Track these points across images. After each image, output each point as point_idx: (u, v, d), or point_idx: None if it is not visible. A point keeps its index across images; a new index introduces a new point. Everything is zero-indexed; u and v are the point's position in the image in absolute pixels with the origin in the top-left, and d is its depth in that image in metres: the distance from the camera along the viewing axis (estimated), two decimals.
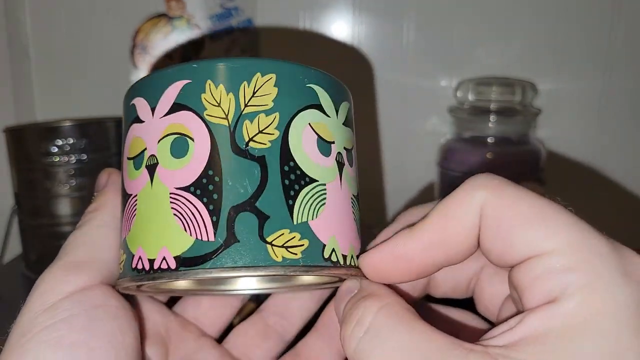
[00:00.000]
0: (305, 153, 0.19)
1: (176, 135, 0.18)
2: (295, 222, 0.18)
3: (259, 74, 0.18)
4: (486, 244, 0.17)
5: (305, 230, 0.18)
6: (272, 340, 0.26)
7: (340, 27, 0.65)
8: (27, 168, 0.59)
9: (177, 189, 0.18)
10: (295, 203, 0.18)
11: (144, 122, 0.19)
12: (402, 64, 0.65)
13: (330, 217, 0.19)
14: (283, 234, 0.18)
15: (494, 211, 0.17)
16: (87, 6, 0.67)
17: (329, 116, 0.20)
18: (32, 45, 0.68)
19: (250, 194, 0.18)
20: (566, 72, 0.64)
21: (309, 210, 0.19)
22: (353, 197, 0.21)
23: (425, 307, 0.24)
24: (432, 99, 0.65)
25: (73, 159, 0.59)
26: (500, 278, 0.21)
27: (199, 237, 0.18)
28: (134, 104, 0.19)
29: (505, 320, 0.16)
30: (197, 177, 0.18)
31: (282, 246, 0.18)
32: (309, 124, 0.19)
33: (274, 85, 0.18)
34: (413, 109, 0.66)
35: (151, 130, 0.19)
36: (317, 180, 0.19)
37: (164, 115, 0.19)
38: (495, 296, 0.21)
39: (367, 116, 0.66)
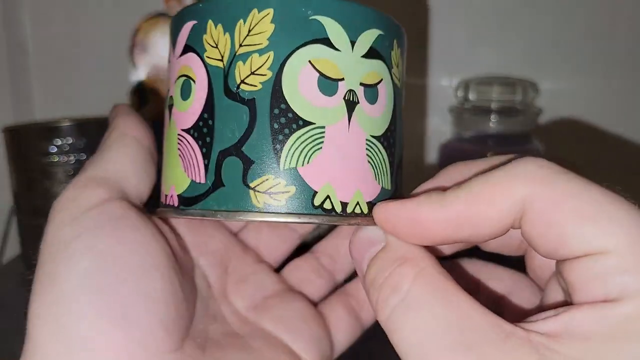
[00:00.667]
0: (301, 94, 0.18)
1: (184, 78, 0.19)
2: (281, 168, 0.18)
3: (255, 10, 0.17)
4: (533, 238, 0.16)
5: (292, 176, 0.18)
6: (324, 278, 0.27)
7: None
8: (26, 168, 0.59)
9: (182, 130, 0.19)
10: (284, 148, 0.18)
11: (170, 62, 0.20)
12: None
13: (326, 163, 0.18)
14: (267, 179, 0.18)
15: (544, 206, 0.16)
16: (86, 5, 0.66)
17: (338, 50, 0.18)
18: (31, 44, 0.68)
19: (237, 138, 0.18)
20: (568, 72, 0.64)
21: (298, 156, 0.18)
22: (371, 139, 0.19)
23: (473, 265, 0.23)
24: (433, 98, 0.65)
25: (72, 158, 0.58)
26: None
27: (194, 179, 0.18)
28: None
29: (554, 306, 0.16)
30: (195, 120, 0.18)
31: (265, 192, 0.18)
32: (309, 61, 0.18)
33: (271, 22, 0.17)
34: (413, 109, 0.66)
35: (171, 71, 0.20)
36: (314, 123, 0.18)
37: (179, 57, 0.19)
38: (545, 266, 0.20)
39: None
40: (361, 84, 0.18)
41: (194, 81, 0.18)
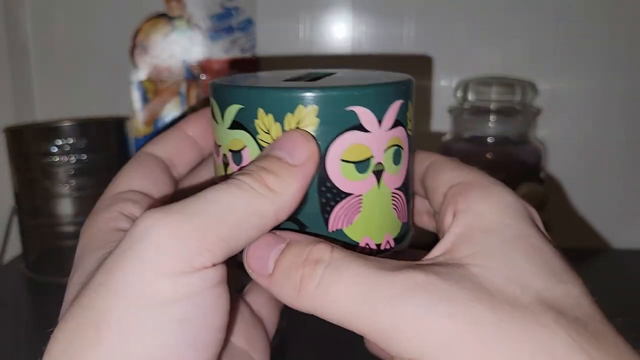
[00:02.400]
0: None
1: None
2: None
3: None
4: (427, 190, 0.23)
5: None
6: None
7: (340, 27, 0.65)
8: (27, 168, 0.59)
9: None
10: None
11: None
12: (401, 64, 0.65)
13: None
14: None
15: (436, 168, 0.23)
16: (87, 6, 0.67)
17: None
18: (32, 44, 0.68)
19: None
20: (566, 72, 0.64)
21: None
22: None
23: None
24: (432, 99, 0.65)
25: (73, 158, 0.59)
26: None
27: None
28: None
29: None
30: None
31: None
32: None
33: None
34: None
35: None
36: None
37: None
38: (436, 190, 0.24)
39: None
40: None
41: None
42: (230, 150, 0.22)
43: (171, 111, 0.67)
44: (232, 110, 0.21)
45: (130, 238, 0.17)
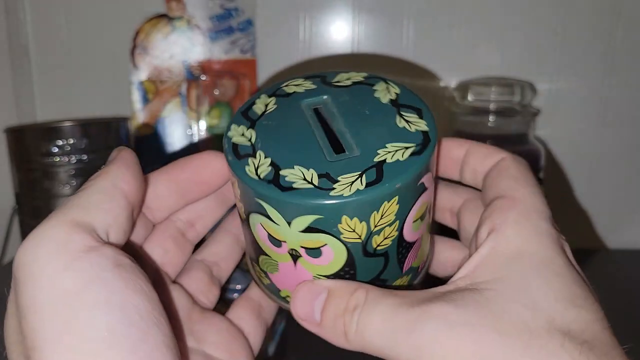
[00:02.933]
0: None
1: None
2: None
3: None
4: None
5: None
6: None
7: (340, 28, 0.66)
8: (28, 168, 0.60)
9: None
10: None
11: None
12: (401, 64, 0.65)
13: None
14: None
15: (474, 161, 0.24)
16: (88, 6, 0.67)
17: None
18: (32, 45, 0.68)
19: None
20: (565, 73, 0.64)
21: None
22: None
23: None
24: (432, 99, 0.65)
25: (73, 159, 0.59)
26: (477, 212, 0.25)
27: None
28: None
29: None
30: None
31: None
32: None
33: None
34: None
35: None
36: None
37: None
38: (472, 224, 0.25)
39: None
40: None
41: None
42: (304, 247, 0.22)
43: (171, 111, 0.67)
44: (306, 220, 0.21)
45: (14, 273, 0.19)
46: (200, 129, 0.67)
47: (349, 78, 0.25)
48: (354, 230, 0.21)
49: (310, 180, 0.20)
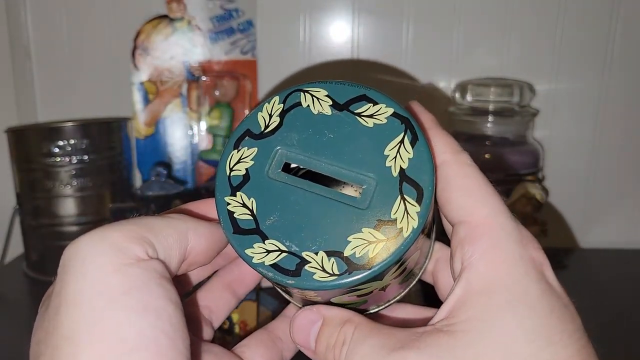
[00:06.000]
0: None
1: None
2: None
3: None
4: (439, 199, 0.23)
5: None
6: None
7: (340, 28, 0.66)
8: (29, 168, 0.60)
9: None
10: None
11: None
12: (401, 65, 0.65)
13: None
14: None
15: (447, 171, 0.22)
16: (88, 7, 0.67)
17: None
18: (33, 46, 0.69)
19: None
20: (564, 73, 0.64)
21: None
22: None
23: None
24: (431, 99, 0.65)
25: (74, 159, 0.59)
26: (449, 271, 0.25)
27: None
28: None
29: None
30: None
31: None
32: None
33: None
34: None
35: None
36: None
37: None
38: (447, 284, 0.26)
39: None
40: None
41: None
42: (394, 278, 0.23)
43: (172, 112, 0.67)
44: (395, 266, 0.21)
45: (62, 264, 0.19)
46: (200, 130, 0.67)
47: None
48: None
49: (377, 239, 0.20)
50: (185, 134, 0.68)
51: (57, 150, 0.59)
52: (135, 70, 0.67)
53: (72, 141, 0.59)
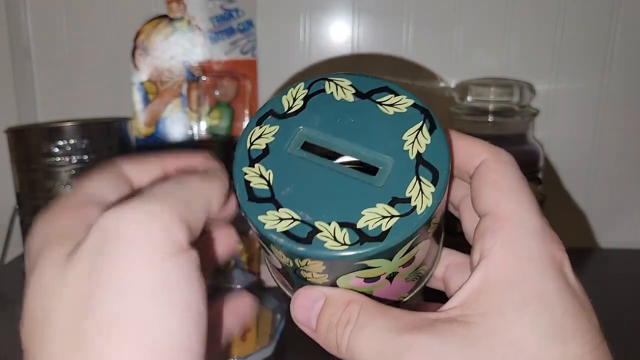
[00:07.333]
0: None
1: None
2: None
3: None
4: (472, 189, 0.23)
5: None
6: None
7: (339, 29, 0.66)
8: (29, 168, 0.60)
9: None
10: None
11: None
12: (401, 65, 0.66)
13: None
14: None
15: (483, 168, 0.22)
16: (88, 7, 0.67)
17: None
18: (33, 46, 0.69)
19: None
20: (564, 73, 0.64)
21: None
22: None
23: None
24: (431, 99, 0.65)
25: (74, 159, 0.59)
26: (460, 276, 0.25)
27: None
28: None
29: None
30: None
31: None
32: None
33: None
34: None
35: None
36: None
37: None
38: (471, 222, 0.25)
39: None
40: None
41: None
42: (402, 265, 0.22)
43: (172, 112, 0.67)
44: (405, 248, 0.21)
45: (103, 235, 0.18)
46: (200, 130, 0.67)
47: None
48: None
49: (391, 215, 0.20)
50: (185, 134, 0.68)
51: (57, 150, 0.59)
52: (135, 70, 0.67)
53: (72, 141, 0.59)
